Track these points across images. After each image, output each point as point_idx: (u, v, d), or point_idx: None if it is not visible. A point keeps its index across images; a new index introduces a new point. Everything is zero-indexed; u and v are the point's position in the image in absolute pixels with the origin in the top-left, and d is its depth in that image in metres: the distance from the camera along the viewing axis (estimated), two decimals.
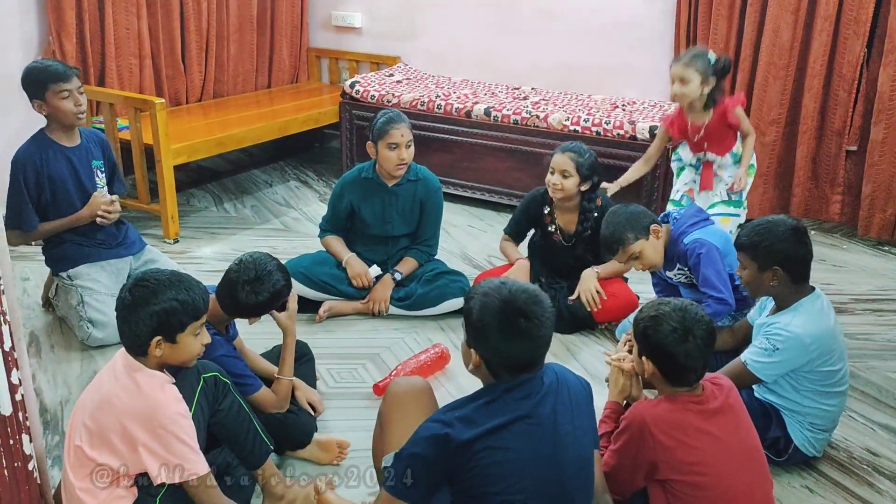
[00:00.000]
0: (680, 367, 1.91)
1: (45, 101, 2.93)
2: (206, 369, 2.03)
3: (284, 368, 2.39)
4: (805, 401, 2.33)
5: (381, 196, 3.35)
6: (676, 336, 1.90)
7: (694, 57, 3.33)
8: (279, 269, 2.33)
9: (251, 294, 2.26)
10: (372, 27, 5.52)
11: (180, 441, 1.83)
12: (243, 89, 5.27)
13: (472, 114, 4.50)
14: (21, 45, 3.98)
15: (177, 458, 1.83)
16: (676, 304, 1.96)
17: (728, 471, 1.86)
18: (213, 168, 5.21)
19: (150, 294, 1.87)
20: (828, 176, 4.26)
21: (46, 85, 2.90)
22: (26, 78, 2.95)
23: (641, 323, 1.98)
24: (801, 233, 2.31)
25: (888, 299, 3.58)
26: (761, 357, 2.29)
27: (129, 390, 1.86)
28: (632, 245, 2.76)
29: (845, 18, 3.99)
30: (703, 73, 3.31)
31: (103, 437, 1.85)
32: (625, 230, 2.75)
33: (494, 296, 1.73)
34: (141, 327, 1.86)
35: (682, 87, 3.35)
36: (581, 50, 4.84)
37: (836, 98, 4.12)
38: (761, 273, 2.31)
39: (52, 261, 3.13)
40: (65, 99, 2.93)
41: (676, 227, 2.84)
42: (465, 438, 1.66)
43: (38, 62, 3.02)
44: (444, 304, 3.29)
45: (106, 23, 4.24)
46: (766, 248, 2.28)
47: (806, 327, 2.26)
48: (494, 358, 1.72)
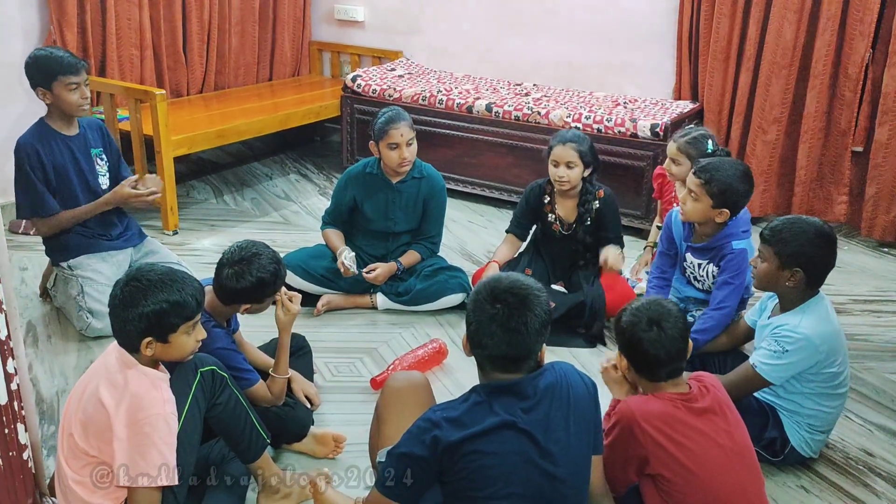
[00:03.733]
0: (644, 356, 1.93)
1: (51, 90, 2.91)
2: (204, 363, 2.02)
3: (279, 367, 2.36)
4: (806, 402, 2.32)
5: (385, 192, 3.34)
6: (642, 325, 1.93)
7: (690, 142, 3.10)
8: (271, 258, 2.28)
9: (232, 277, 2.22)
10: (374, 21, 5.51)
11: (154, 446, 1.79)
12: (244, 82, 5.26)
13: (474, 109, 4.49)
14: (22, 34, 3.96)
15: (144, 462, 1.78)
16: (650, 298, 2.01)
17: (718, 468, 1.86)
18: (214, 160, 5.21)
19: (140, 295, 1.83)
20: (833, 176, 4.24)
21: (56, 75, 2.88)
22: (33, 65, 2.91)
23: (618, 317, 2.02)
24: (832, 240, 2.29)
25: (887, 300, 3.57)
26: (771, 360, 2.27)
27: (118, 385, 1.84)
28: (704, 192, 2.65)
29: (850, 19, 3.97)
30: (695, 160, 2.92)
31: (92, 428, 1.84)
32: (726, 182, 2.63)
33: (484, 286, 1.73)
34: (131, 327, 1.84)
35: (672, 167, 3.17)
36: (583, 47, 4.83)
37: (841, 98, 4.10)
38: (781, 270, 2.28)
39: (52, 250, 3.11)
40: (72, 91, 2.91)
41: (733, 224, 2.75)
42: (452, 440, 1.65)
43: (46, 50, 2.97)
44: (442, 300, 3.29)
45: (107, 13, 4.23)
46: (795, 247, 2.25)
47: (815, 329, 2.25)
48: (476, 348, 1.72)
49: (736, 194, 2.66)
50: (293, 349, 2.65)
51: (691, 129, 3.24)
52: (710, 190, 2.64)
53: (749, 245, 2.75)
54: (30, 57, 2.93)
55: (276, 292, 2.32)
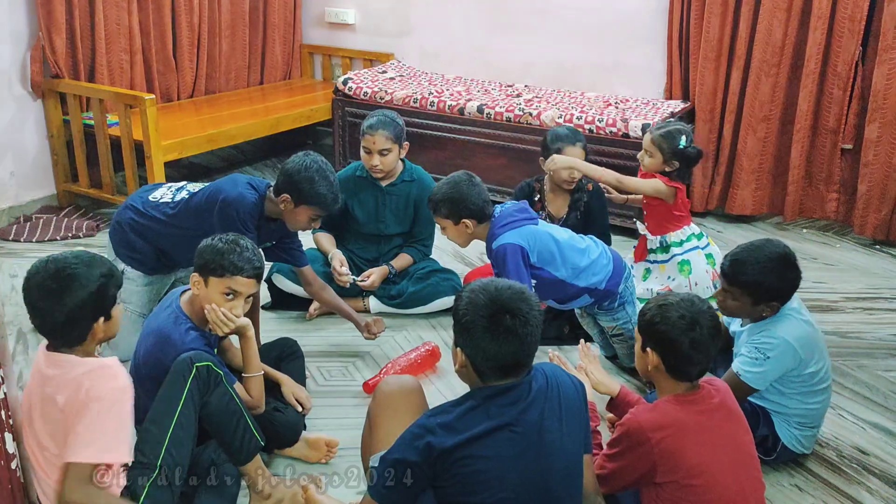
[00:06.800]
0: (685, 358, 1.89)
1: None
2: (200, 359, 2.01)
3: (249, 366, 2.26)
4: (791, 402, 2.33)
5: (375, 195, 3.34)
6: (684, 324, 1.88)
7: (664, 135, 3.06)
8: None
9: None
10: (365, 24, 5.50)
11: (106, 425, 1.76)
12: (235, 86, 5.24)
13: (465, 111, 4.49)
14: (10, 40, 3.94)
15: (91, 434, 1.74)
16: (682, 296, 1.96)
17: (723, 473, 1.85)
18: (205, 164, 5.19)
19: (77, 279, 1.79)
20: (823, 174, 4.26)
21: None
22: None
23: (648, 313, 1.96)
24: (793, 260, 2.31)
25: (879, 298, 3.58)
26: (753, 367, 2.28)
27: (70, 385, 1.79)
28: (440, 219, 2.76)
29: (840, 16, 3.98)
30: (667, 154, 3.03)
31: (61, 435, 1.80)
32: (445, 203, 2.70)
33: (481, 293, 1.72)
34: (81, 313, 1.80)
35: (645, 158, 3.13)
36: (574, 48, 4.83)
37: (830, 96, 4.11)
38: (755, 306, 2.31)
39: (126, 256, 2.86)
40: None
41: (492, 226, 2.74)
42: (446, 447, 1.65)
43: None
44: (435, 303, 3.28)
45: (96, 18, 4.21)
46: (765, 286, 2.27)
47: (792, 332, 2.27)
48: (480, 357, 1.70)
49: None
50: (285, 353, 2.65)
51: (669, 122, 3.24)
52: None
53: (516, 235, 2.66)
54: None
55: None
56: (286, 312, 3.30)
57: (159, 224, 2.80)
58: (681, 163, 3.04)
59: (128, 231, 2.84)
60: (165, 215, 2.80)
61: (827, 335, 3.16)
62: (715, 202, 4.45)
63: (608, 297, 2.78)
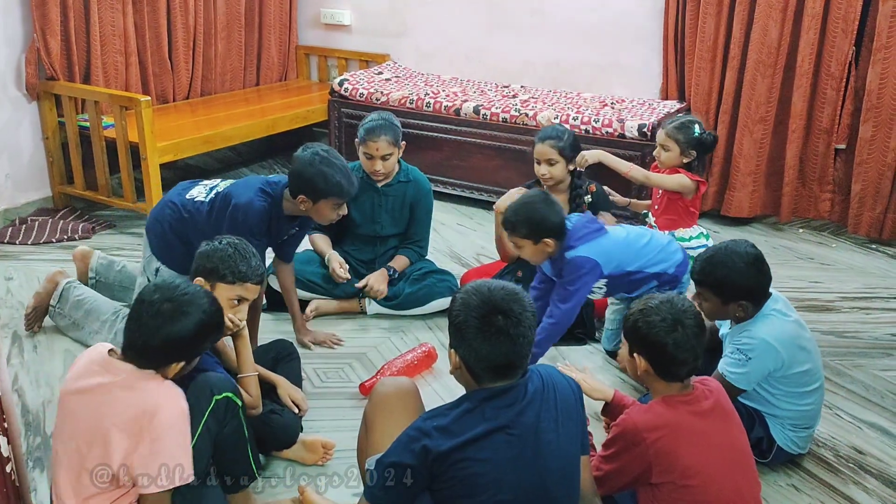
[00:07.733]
0: (670, 358, 1.90)
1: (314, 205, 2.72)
2: (220, 390, 2.00)
3: (243, 367, 2.26)
4: (782, 404, 2.33)
5: (371, 196, 3.33)
6: (666, 325, 1.89)
7: (678, 127, 3.17)
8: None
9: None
10: (361, 25, 5.50)
11: (168, 449, 1.79)
12: (231, 87, 5.23)
13: (462, 112, 4.49)
14: (5, 42, 3.93)
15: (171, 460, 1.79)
16: (663, 297, 1.96)
17: (718, 473, 1.85)
18: (201, 166, 5.18)
19: (178, 315, 1.83)
20: (816, 174, 4.26)
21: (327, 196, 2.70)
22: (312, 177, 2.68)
23: (631, 318, 1.97)
24: (760, 261, 2.31)
25: (875, 297, 3.58)
26: (737, 368, 2.29)
27: (137, 401, 1.81)
28: (517, 238, 2.70)
29: (833, 16, 3.99)
30: (683, 144, 3.16)
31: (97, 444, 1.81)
32: (524, 224, 2.67)
33: (474, 294, 1.72)
34: (164, 351, 1.84)
35: (662, 154, 3.22)
36: (570, 48, 4.83)
37: (824, 96, 4.12)
38: (725, 306, 2.32)
39: (163, 254, 2.87)
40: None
41: (567, 239, 2.71)
42: (442, 450, 1.65)
43: (331, 168, 2.69)
44: (431, 304, 3.28)
45: (91, 20, 4.20)
46: (730, 286, 2.28)
47: (773, 332, 2.28)
48: (473, 358, 1.70)
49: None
50: (282, 355, 2.64)
51: (679, 116, 3.33)
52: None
53: (591, 248, 2.67)
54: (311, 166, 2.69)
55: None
56: (282, 314, 3.29)
57: (196, 223, 2.80)
58: (698, 151, 3.16)
59: (167, 230, 2.84)
60: (201, 214, 2.81)
61: (823, 335, 3.18)
62: (710, 204, 4.46)
63: (673, 283, 2.79)
